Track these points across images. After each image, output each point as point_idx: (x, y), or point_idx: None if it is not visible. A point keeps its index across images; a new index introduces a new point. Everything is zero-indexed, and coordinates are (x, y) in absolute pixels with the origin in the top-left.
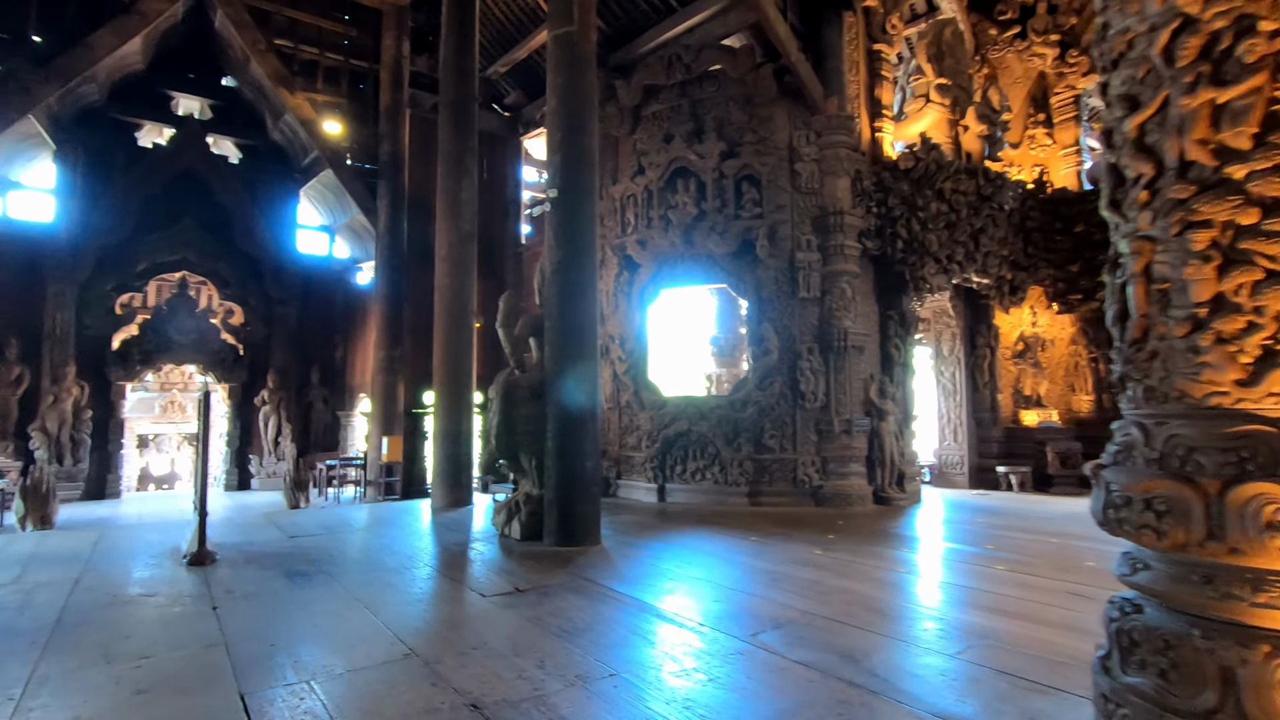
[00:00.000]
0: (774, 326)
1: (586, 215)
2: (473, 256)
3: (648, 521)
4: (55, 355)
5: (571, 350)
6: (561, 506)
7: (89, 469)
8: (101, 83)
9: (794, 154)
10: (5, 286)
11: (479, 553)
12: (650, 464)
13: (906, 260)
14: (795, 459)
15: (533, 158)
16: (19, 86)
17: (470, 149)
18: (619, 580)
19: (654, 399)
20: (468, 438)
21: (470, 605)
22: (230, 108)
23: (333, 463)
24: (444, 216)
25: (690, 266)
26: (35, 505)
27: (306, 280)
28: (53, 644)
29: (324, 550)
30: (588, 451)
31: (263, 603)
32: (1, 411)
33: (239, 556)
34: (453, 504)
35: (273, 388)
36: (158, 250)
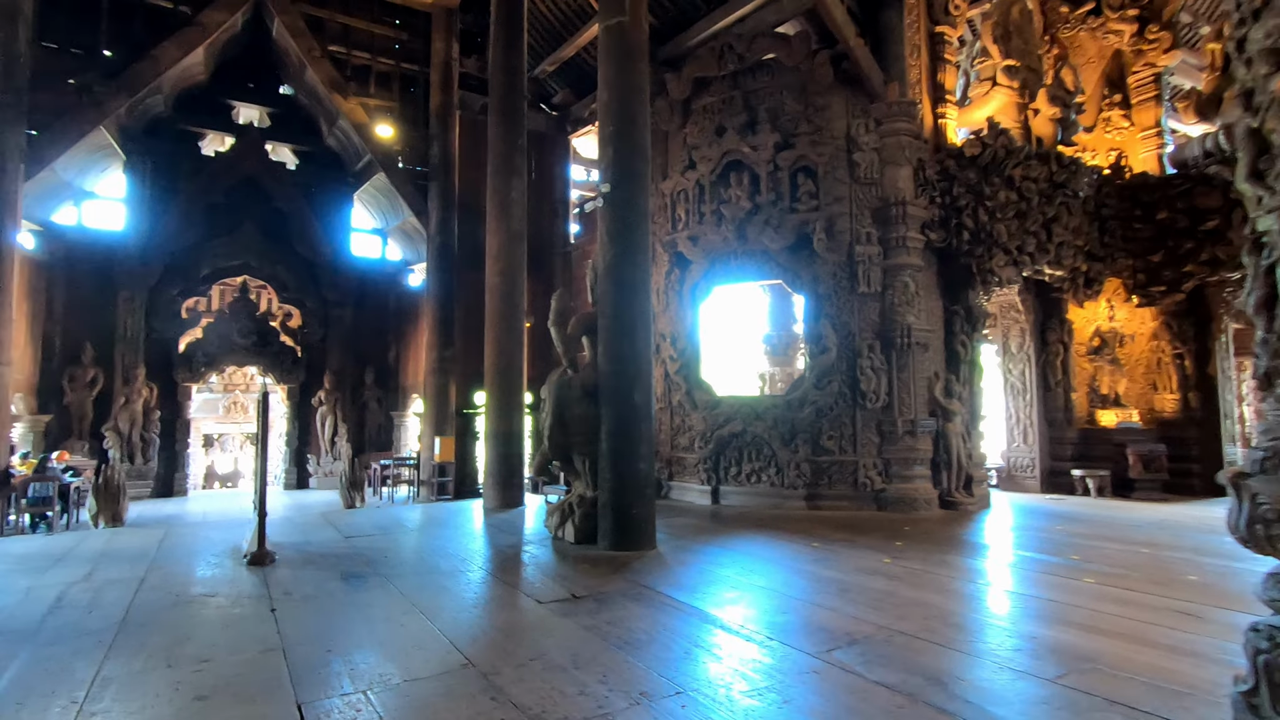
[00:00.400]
0: (832, 323)
1: (639, 210)
2: (523, 256)
3: (702, 525)
4: (126, 358)
5: (625, 349)
6: (616, 509)
7: (158, 468)
8: (167, 94)
9: (852, 143)
10: (81, 293)
11: (533, 556)
12: (703, 465)
13: (973, 252)
14: (856, 461)
15: (581, 157)
16: (91, 99)
17: (519, 148)
18: (678, 588)
19: (707, 399)
20: (519, 438)
21: (526, 612)
22: (287, 115)
23: (387, 463)
24: (494, 216)
25: (743, 262)
26: (107, 503)
27: (361, 282)
28: (118, 644)
29: (379, 551)
30: (642, 453)
31: (319, 605)
32: (78, 412)
33: (297, 557)
34: (505, 505)
35: (329, 388)
36: (220, 255)
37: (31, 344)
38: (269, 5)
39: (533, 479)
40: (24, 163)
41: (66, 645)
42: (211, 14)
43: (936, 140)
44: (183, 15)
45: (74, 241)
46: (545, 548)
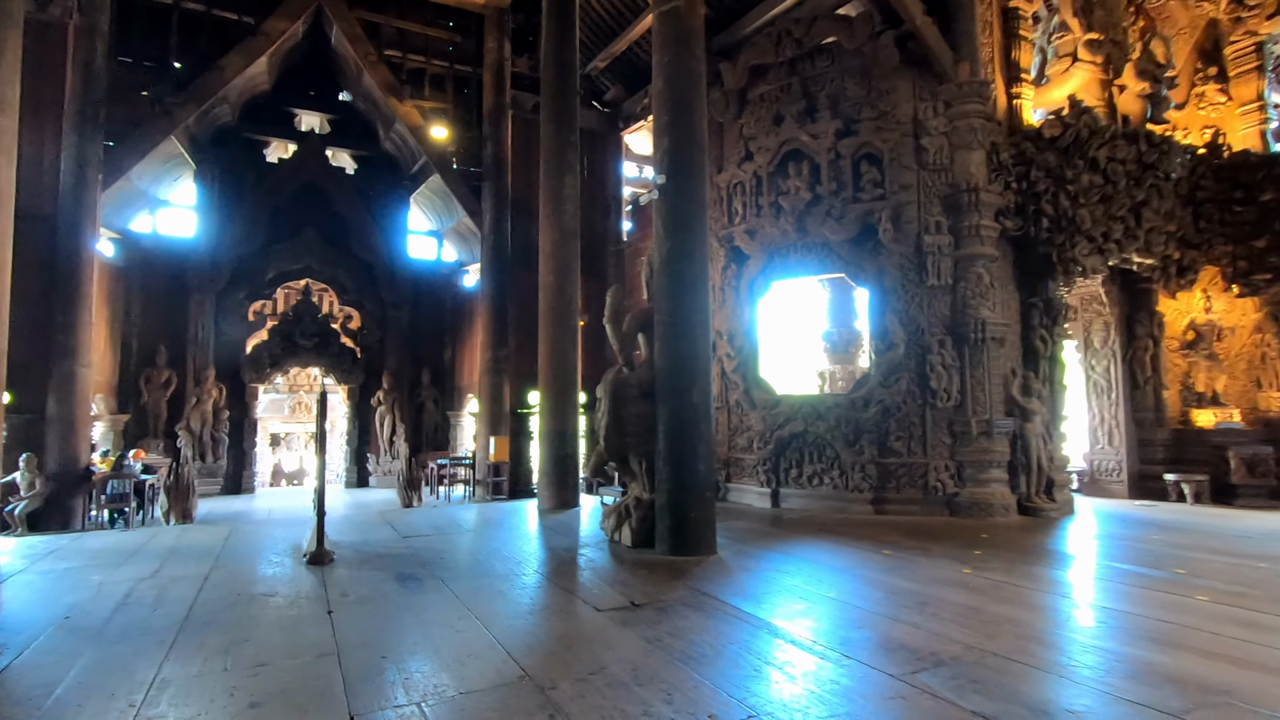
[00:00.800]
0: (899, 318)
1: (697, 201)
2: (576, 253)
3: (763, 529)
4: (197, 360)
5: (683, 346)
6: (674, 512)
7: (227, 465)
8: (233, 103)
9: (919, 128)
10: (156, 297)
11: (589, 560)
12: (762, 467)
13: (1053, 240)
14: (925, 463)
15: (633, 153)
16: (162, 110)
17: (572, 144)
18: (742, 597)
19: (766, 398)
20: (573, 438)
21: (584, 620)
22: (346, 121)
23: (443, 462)
24: (547, 214)
25: (803, 256)
26: (177, 501)
27: (417, 284)
28: (178, 644)
29: (435, 552)
30: (701, 454)
31: (375, 608)
32: (154, 412)
33: (354, 556)
34: (559, 506)
35: (387, 389)
36: (284, 259)
37: (111, 347)
38: (328, 13)
39: (588, 480)
40: (102, 172)
41: (130, 644)
42: (274, 23)
43: (1011, 122)
44: (246, 26)
45: (149, 248)
46: (601, 551)
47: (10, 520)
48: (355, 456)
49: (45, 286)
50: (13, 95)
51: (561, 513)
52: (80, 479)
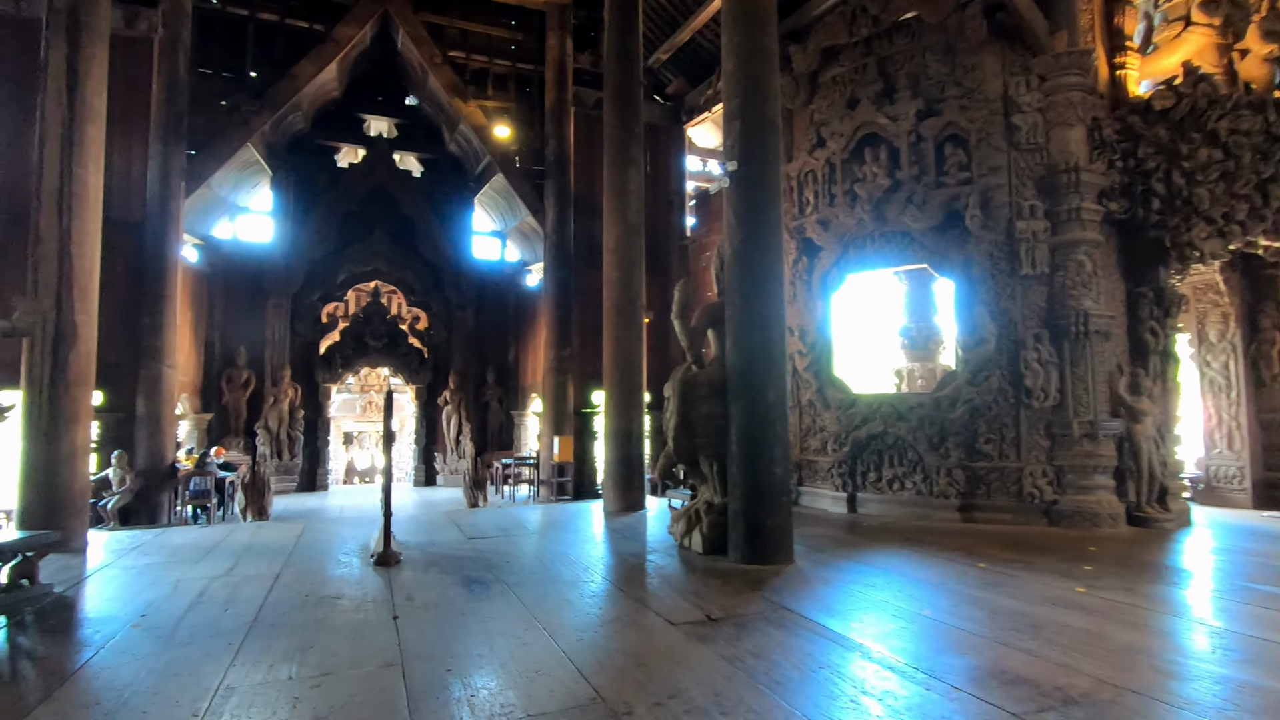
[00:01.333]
0: (989, 311)
1: (771, 189)
2: (641, 249)
3: (840, 536)
4: (274, 360)
5: (756, 341)
6: (749, 519)
7: (302, 463)
8: (306, 111)
9: (1010, 105)
10: (236, 300)
11: (658, 567)
12: (837, 470)
13: (1165, 223)
14: (1019, 468)
15: (696, 147)
16: (240, 118)
17: (636, 137)
18: (827, 613)
19: (841, 397)
20: (639, 439)
21: (657, 634)
22: (413, 125)
23: (508, 461)
24: (611, 209)
25: (881, 246)
26: (254, 498)
27: (481, 284)
28: (245, 648)
29: (501, 555)
30: (777, 456)
31: (440, 614)
32: (234, 411)
33: (421, 558)
34: (625, 508)
35: (453, 388)
36: (354, 262)
37: (195, 348)
38: (394, 17)
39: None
40: (185, 180)
41: (199, 646)
42: (343, 29)
43: (1115, 95)
44: (318, 33)
45: (230, 253)
46: (671, 558)
47: (103, 514)
48: (423, 455)
49: (134, 291)
50: (100, 105)
51: (627, 515)
52: (166, 476)
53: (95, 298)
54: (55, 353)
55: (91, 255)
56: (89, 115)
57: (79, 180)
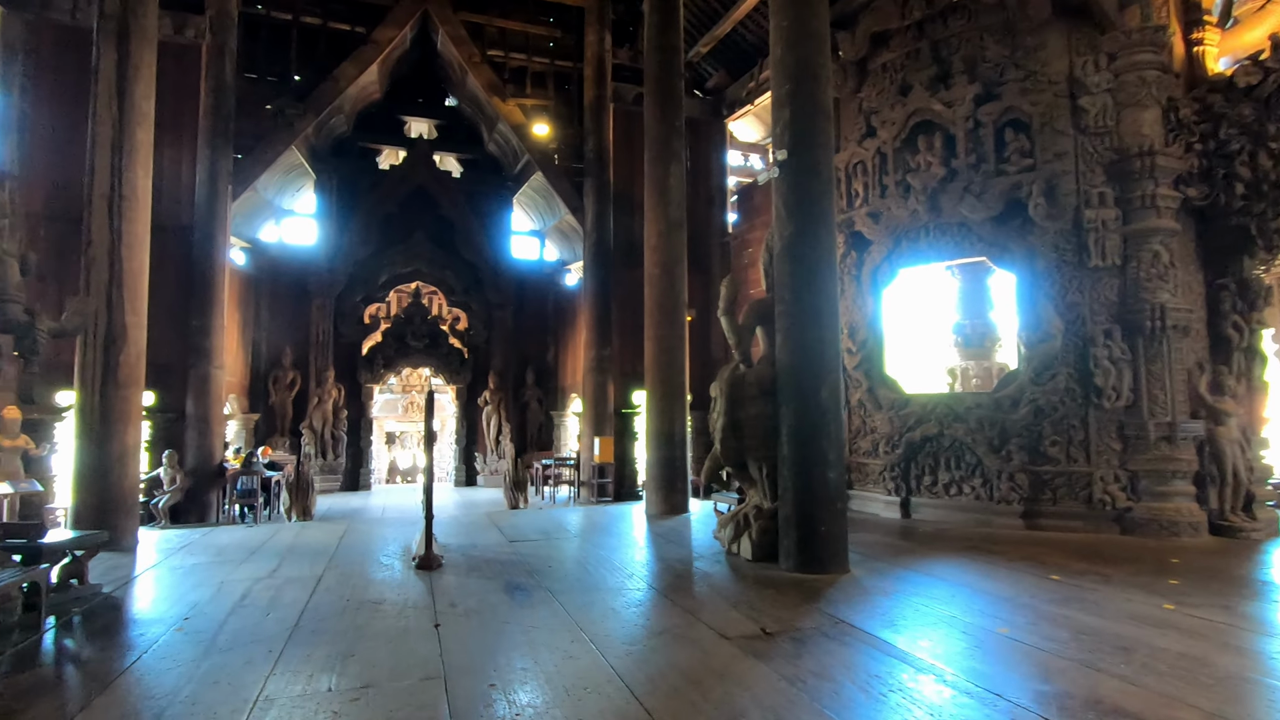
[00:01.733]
0: (1054, 305)
1: (822, 178)
2: (682, 245)
3: (895, 543)
4: (319, 361)
5: (808, 338)
6: (801, 524)
7: (345, 463)
8: (348, 113)
9: (1076, 86)
10: (282, 303)
11: (706, 574)
12: (890, 473)
13: (1250, 209)
14: (1089, 473)
15: (738, 141)
16: (284, 121)
17: (677, 130)
18: (891, 628)
19: (893, 397)
20: (682, 440)
21: (710, 649)
22: (452, 126)
23: (548, 462)
24: (651, 204)
25: (935, 239)
26: (298, 498)
27: (520, 284)
28: (285, 655)
29: (542, 560)
30: (831, 460)
31: (483, 622)
32: (280, 411)
33: (463, 561)
34: (668, 511)
35: (493, 388)
36: (395, 263)
37: (242, 350)
38: (433, 17)
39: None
40: (232, 184)
41: (240, 652)
42: (383, 31)
43: (1192, 73)
44: (359, 36)
45: (276, 256)
46: (719, 565)
47: (155, 513)
48: (463, 455)
49: (184, 293)
50: (148, 109)
51: (670, 518)
52: (215, 475)
53: (145, 299)
54: (106, 353)
55: (141, 257)
56: (138, 119)
57: (128, 183)
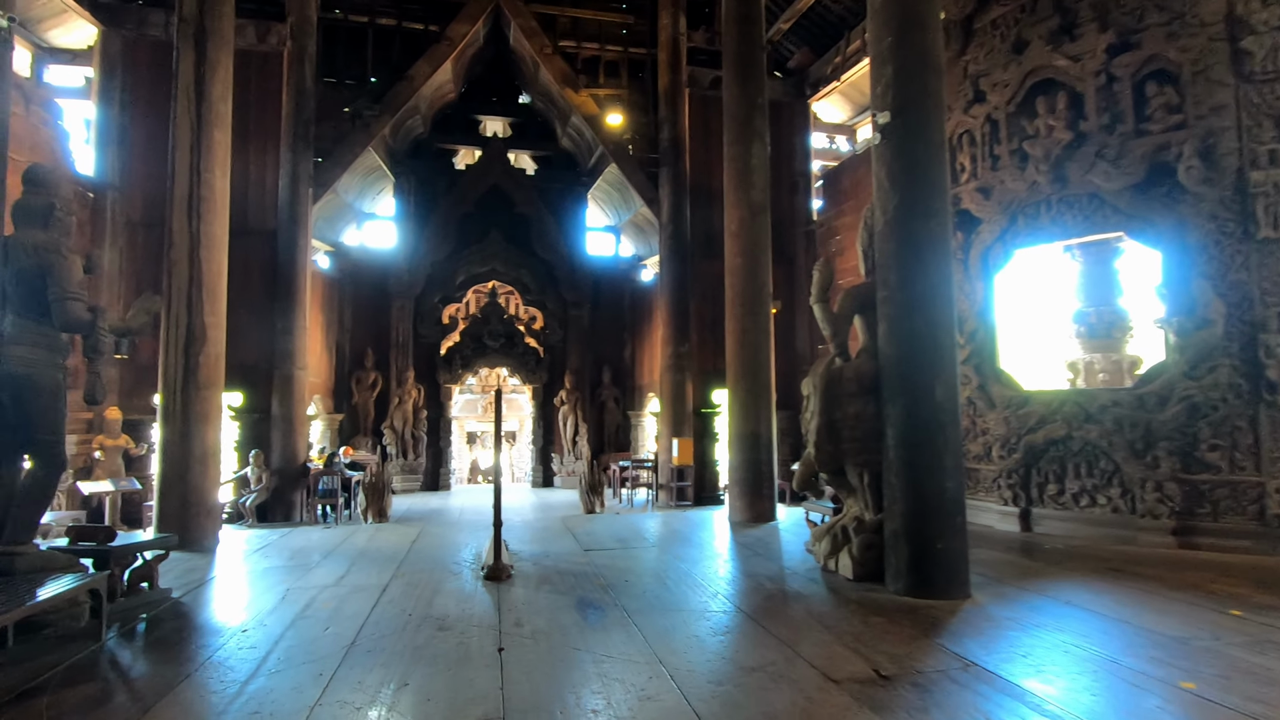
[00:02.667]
0: (1213, 285)
1: (933, 142)
2: (766, 231)
3: (1018, 562)
4: (399, 362)
5: (917, 326)
6: (913, 540)
7: (425, 463)
8: (424, 114)
9: (1237, 26)
10: (364, 304)
11: (800, 595)
12: (1006, 480)
13: None
14: (1260, 483)
15: (822, 123)
16: (361, 124)
17: (759, 107)
18: (1036, 673)
19: (1009, 395)
20: (768, 442)
21: (815, 695)
22: (526, 124)
23: (625, 464)
24: (732, 188)
25: (1059, 213)
26: (374, 499)
27: (596, 281)
28: (337, 680)
29: (619, 572)
30: (947, 466)
31: (551, 648)
32: (363, 411)
33: (533, 572)
34: (753, 518)
35: (569, 388)
36: (472, 263)
37: (327, 351)
38: (505, 10)
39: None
40: (312, 186)
41: (289, 675)
42: (456, 27)
43: None
44: (432, 34)
45: (358, 259)
46: (815, 584)
47: (243, 511)
48: (540, 456)
49: (270, 296)
50: (225, 110)
51: (756, 527)
52: (299, 475)
53: (224, 301)
54: (186, 355)
55: (219, 259)
56: (215, 120)
57: (206, 184)
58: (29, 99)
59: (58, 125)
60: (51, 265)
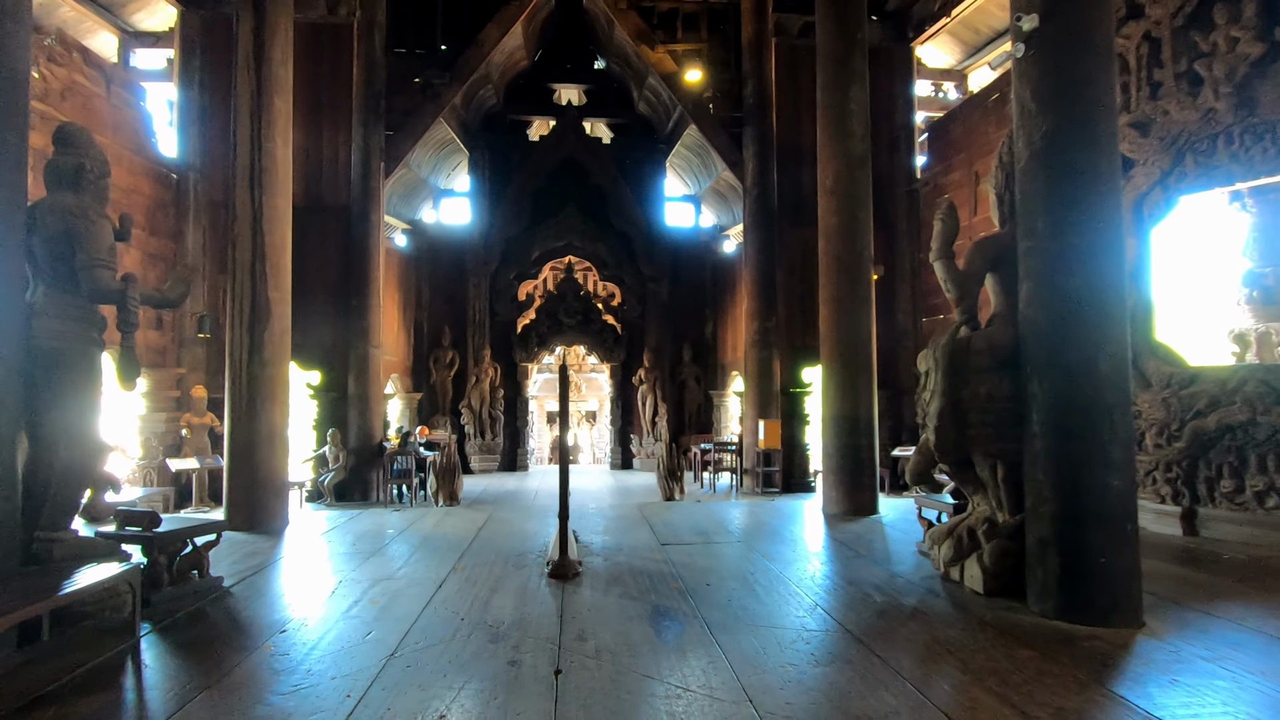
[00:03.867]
0: None
1: (1098, 47)
2: (867, 186)
3: (1191, 576)
4: (475, 340)
5: (1075, 284)
6: (1067, 551)
7: (503, 443)
8: (496, 83)
9: None
10: (441, 281)
11: (920, 613)
12: (1165, 473)
13: None
14: None
15: (926, 69)
16: (431, 94)
17: (858, 44)
18: None
19: (1169, 372)
20: (868, 425)
21: None
22: (601, 90)
23: (707, 446)
24: (827, 138)
25: (1246, 148)
26: (445, 482)
27: (675, 254)
28: (367, 702)
29: (699, 573)
30: (1115, 460)
31: (617, 673)
32: (441, 390)
33: (604, 569)
34: (851, 510)
35: (648, 367)
36: (548, 238)
37: (404, 330)
38: None
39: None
40: (384, 160)
41: (314, 694)
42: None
43: None
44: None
45: (434, 236)
46: (935, 597)
47: (322, 490)
48: (619, 437)
49: (346, 274)
50: (285, 77)
51: (855, 521)
52: (375, 454)
53: (288, 274)
54: (251, 331)
55: (282, 231)
56: (275, 87)
57: (268, 154)
58: (111, 80)
59: (140, 107)
60: (79, 230)
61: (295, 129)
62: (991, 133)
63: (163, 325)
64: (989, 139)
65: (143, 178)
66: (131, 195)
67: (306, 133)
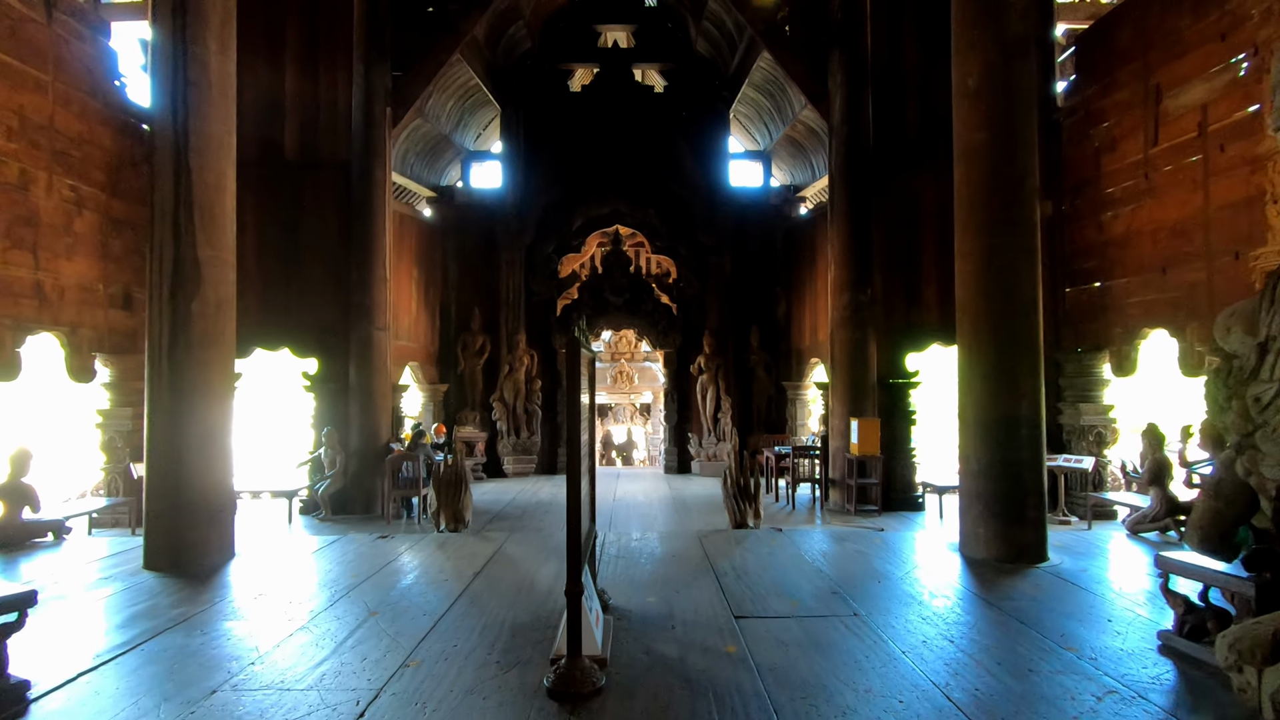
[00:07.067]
0: None
1: None
2: (1031, 81)
3: None
4: (509, 323)
5: None
6: None
7: (540, 442)
8: (529, 20)
9: None
10: (471, 257)
11: None
12: None
13: None
14: None
15: None
16: (447, 24)
17: None
18: None
19: None
20: (1032, 431)
21: None
22: (652, 31)
23: (783, 450)
24: (968, 22)
25: None
26: (447, 499)
27: (740, 221)
28: None
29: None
30: None
31: None
32: (470, 381)
33: (642, 666)
34: (1006, 555)
35: (708, 353)
36: (590, 204)
37: (427, 312)
38: None
39: (1131, 526)
40: (390, 105)
41: None
42: None
43: None
44: None
45: (461, 205)
46: None
47: (318, 501)
48: (675, 436)
49: (344, 241)
50: None
51: (1018, 575)
52: (379, 457)
53: (230, 228)
54: (174, 302)
55: (219, 169)
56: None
57: (196, 61)
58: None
59: (100, 42)
60: None
61: (288, 71)
62: (1187, 28)
63: (131, 304)
64: (1181, 39)
65: (100, 126)
66: (84, 146)
67: (301, 75)
